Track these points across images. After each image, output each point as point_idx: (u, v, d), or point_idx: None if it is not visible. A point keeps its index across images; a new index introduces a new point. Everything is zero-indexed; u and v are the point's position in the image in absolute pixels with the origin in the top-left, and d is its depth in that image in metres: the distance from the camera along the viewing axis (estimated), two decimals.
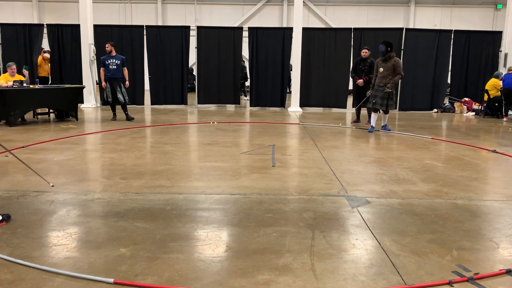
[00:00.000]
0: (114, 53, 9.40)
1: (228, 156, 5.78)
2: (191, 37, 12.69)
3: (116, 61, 9.38)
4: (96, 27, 12.22)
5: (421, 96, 12.50)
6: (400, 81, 12.18)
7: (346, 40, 12.27)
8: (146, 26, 12.62)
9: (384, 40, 8.18)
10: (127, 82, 9.63)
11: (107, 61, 9.37)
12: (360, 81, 9.25)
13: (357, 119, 9.61)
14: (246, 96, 16.04)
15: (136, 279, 2.39)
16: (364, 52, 9.39)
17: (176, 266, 2.56)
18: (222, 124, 9.09)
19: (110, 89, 9.37)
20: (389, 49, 7.72)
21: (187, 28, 12.58)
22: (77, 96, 9.61)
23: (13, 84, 8.28)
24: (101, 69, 9.44)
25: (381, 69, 7.92)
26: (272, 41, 12.41)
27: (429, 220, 3.40)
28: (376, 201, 3.88)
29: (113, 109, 9.72)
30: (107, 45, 9.43)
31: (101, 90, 12.68)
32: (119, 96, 9.36)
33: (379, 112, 8.24)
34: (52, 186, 4.13)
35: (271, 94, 12.63)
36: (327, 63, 12.35)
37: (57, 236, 3.00)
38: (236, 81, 12.83)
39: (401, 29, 12.56)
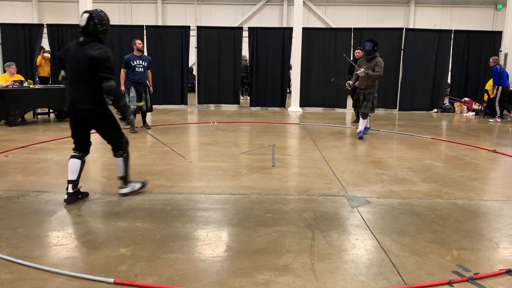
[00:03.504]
0: (140, 53, 7.77)
1: (228, 156, 5.78)
2: (191, 37, 12.67)
3: (143, 63, 7.72)
4: None
5: (421, 96, 12.48)
6: (400, 80, 12.23)
7: (346, 40, 12.25)
8: (146, 26, 12.60)
9: (371, 38, 7.56)
10: (151, 88, 8.10)
11: (134, 62, 7.61)
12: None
13: (357, 119, 9.60)
14: (245, 96, 16.04)
15: (136, 279, 2.39)
16: (357, 53, 9.42)
17: (176, 266, 2.56)
18: (222, 124, 9.08)
19: (135, 95, 7.65)
20: (375, 48, 7.17)
21: (187, 28, 12.56)
22: None
23: (12, 84, 8.28)
24: (123, 71, 7.64)
25: (369, 71, 7.12)
26: (272, 41, 12.40)
27: (429, 220, 3.40)
28: (376, 201, 3.88)
29: (134, 119, 7.99)
30: (140, 42, 7.77)
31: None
32: (144, 103, 7.82)
33: (369, 116, 7.61)
34: (190, 162, 4.47)
35: (271, 94, 12.62)
36: (327, 63, 12.34)
37: (57, 236, 3.00)
38: (236, 81, 12.83)
39: (401, 29, 12.54)
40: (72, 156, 3.75)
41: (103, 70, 3.50)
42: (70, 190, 3.70)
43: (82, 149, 3.79)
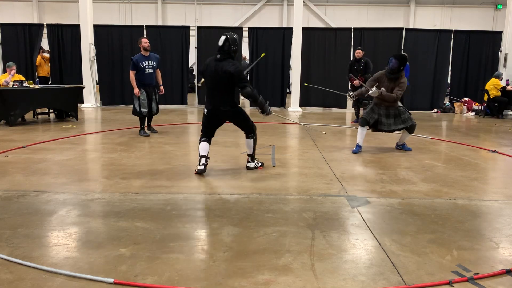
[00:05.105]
0: (148, 53, 7.21)
1: (228, 156, 5.78)
2: (191, 37, 12.67)
3: (152, 63, 7.20)
4: (96, 27, 12.21)
5: (421, 96, 12.48)
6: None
7: (346, 40, 12.25)
8: (146, 26, 12.60)
9: (401, 54, 6.25)
10: (161, 88, 7.58)
11: (143, 63, 7.08)
12: (356, 81, 9.24)
13: (357, 119, 9.61)
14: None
15: (136, 279, 2.39)
16: (358, 53, 9.40)
17: (176, 266, 2.56)
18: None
19: (146, 98, 7.21)
20: (402, 68, 5.89)
21: (187, 28, 12.56)
22: (77, 96, 9.60)
23: (12, 84, 8.28)
24: (132, 73, 7.09)
25: (383, 90, 5.87)
26: (272, 41, 12.40)
27: (429, 220, 3.40)
28: (376, 201, 3.88)
29: (144, 122, 7.47)
30: (146, 41, 7.20)
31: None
32: (153, 105, 7.41)
33: (368, 128, 6.24)
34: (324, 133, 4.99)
35: (271, 94, 12.61)
36: (327, 63, 12.33)
37: (57, 236, 3.00)
38: None
39: (401, 29, 12.54)
40: (202, 141, 4.83)
41: (240, 81, 4.62)
42: (204, 162, 4.71)
43: (209, 137, 4.90)
